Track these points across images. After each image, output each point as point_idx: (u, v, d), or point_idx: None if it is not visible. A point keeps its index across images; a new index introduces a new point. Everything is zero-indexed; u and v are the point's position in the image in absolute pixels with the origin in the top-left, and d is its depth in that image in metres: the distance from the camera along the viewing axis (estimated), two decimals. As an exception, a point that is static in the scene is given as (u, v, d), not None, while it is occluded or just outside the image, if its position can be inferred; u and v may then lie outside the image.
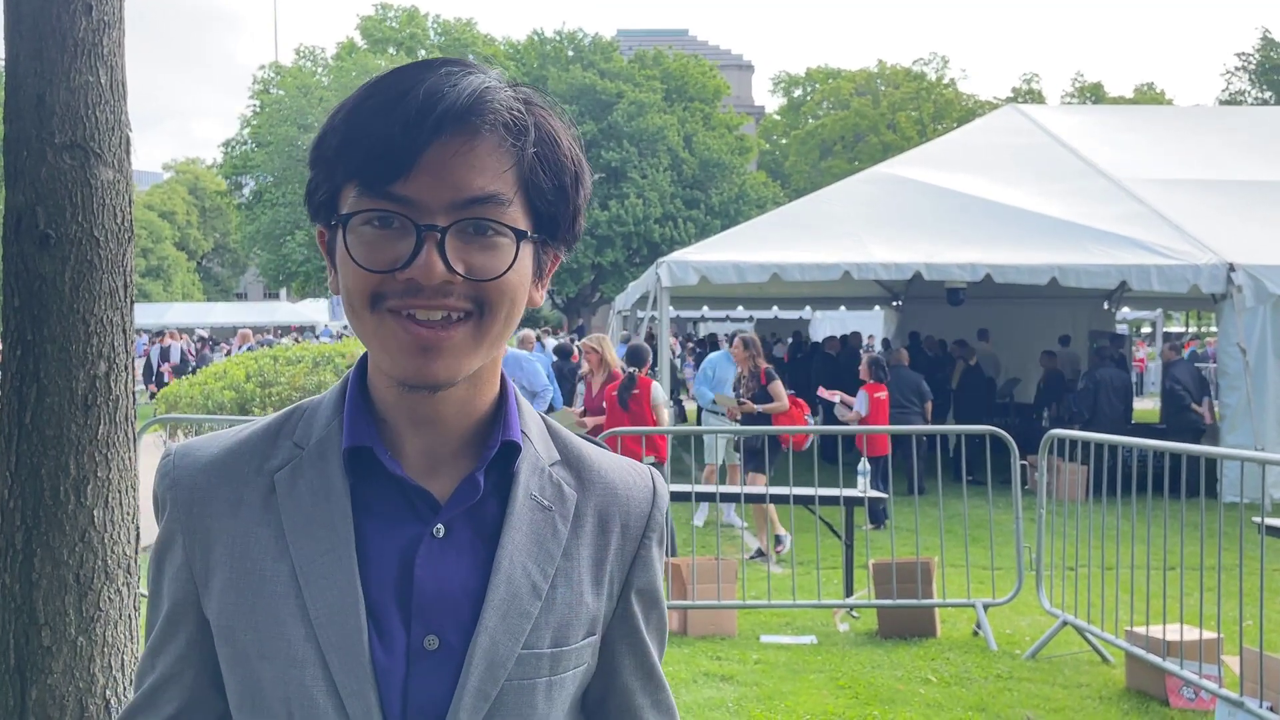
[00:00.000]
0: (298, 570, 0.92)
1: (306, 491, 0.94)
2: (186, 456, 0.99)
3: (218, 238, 59.89)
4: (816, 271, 10.79)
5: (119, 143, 2.58)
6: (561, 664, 0.97)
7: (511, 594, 0.94)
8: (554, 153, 0.92)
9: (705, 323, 30.31)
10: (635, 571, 1.03)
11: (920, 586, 6.11)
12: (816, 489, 6.72)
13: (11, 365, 2.49)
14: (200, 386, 9.59)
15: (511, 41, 45.02)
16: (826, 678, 5.41)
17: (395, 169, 0.86)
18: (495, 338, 0.92)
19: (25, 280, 2.48)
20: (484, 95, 0.88)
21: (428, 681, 0.92)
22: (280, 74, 42.47)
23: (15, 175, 2.50)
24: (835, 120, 48.96)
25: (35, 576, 2.46)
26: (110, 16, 2.56)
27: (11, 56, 2.52)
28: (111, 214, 2.55)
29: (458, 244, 0.87)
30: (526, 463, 0.99)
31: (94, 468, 2.50)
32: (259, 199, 40.61)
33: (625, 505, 1.03)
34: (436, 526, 0.94)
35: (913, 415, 10.80)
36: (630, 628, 1.04)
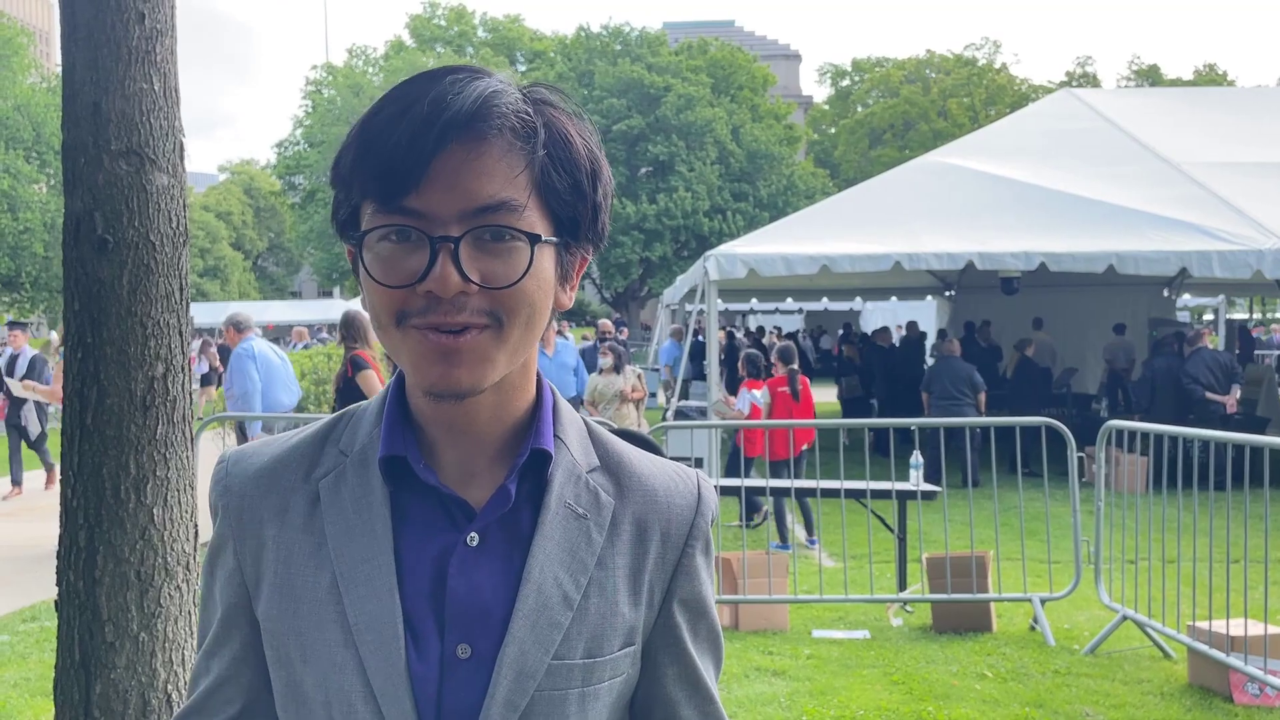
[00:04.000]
0: (339, 577, 0.94)
1: (349, 499, 0.96)
2: (239, 464, 1.01)
3: (272, 237, 60.88)
4: (867, 262, 10.69)
5: (173, 148, 2.63)
6: (595, 675, 0.95)
7: (542, 604, 0.93)
8: (566, 152, 0.91)
9: (754, 315, 30.18)
10: (677, 580, 1.00)
11: (975, 580, 6.03)
12: (868, 482, 6.66)
13: (73, 367, 2.56)
14: (256, 385, 9.73)
15: (559, 36, 45.10)
16: (880, 673, 5.36)
17: (406, 182, 0.86)
18: (518, 344, 0.91)
19: (84, 284, 2.54)
20: (489, 100, 0.88)
21: (461, 690, 0.92)
22: (332, 74, 43.00)
23: (74, 182, 2.56)
24: (885, 108, 48.43)
25: (98, 574, 2.52)
26: (162, 24, 2.61)
27: (68, 65, 2.58)
28: (166, 218, 2.60)
29: (472, 253, 0.87)
30: (561, 470, 0.97)
31: (153, 467, 2.56)
32: (311, 198, 41.19)
33: (666, 512, 1.00)
34: (470, 535, 0.94)
35: (965, 407, 10.66)
36: (673, 638, 1.01)
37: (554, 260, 0.93)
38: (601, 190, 0.94)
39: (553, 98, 0.94)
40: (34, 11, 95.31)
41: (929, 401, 11.09)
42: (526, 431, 0.98)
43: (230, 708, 1.00)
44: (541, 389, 1.00)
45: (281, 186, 49.36)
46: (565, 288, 0.97)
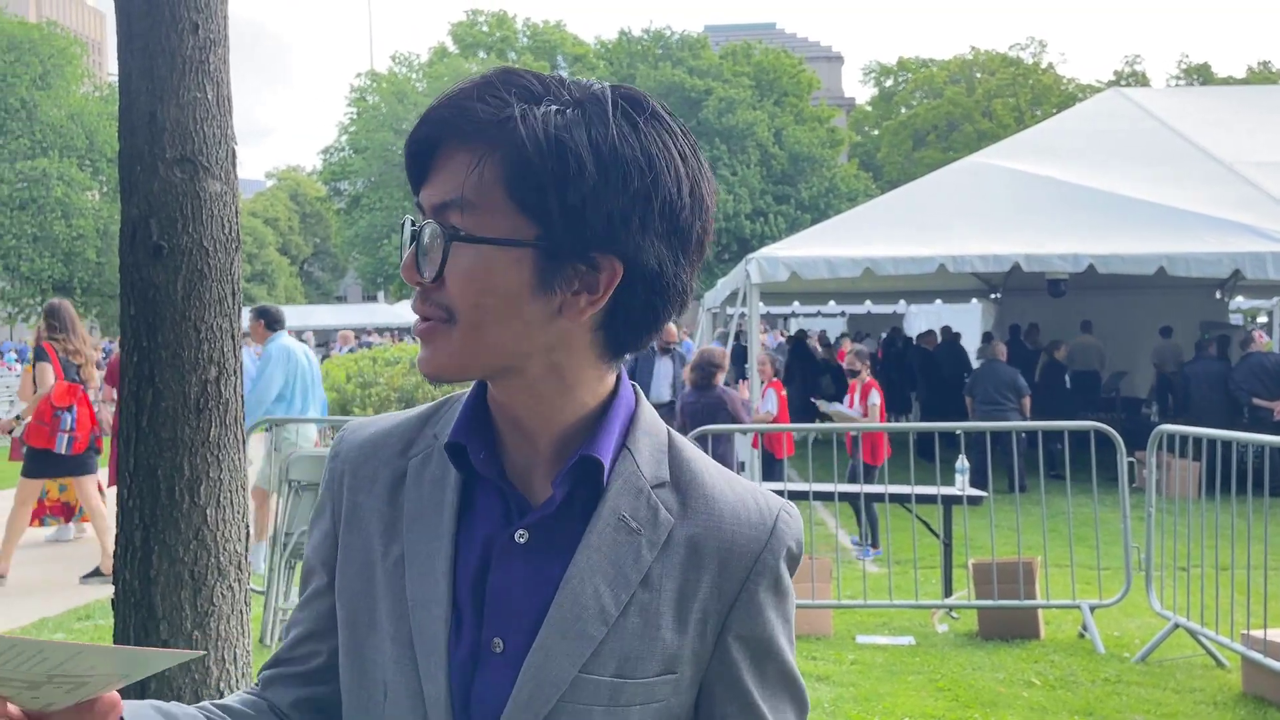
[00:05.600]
0: (405, 552, 0.98)
1: (428, 480, 1.00)
2: (353, 433, 1.07)
3: (318, 242, 61.65)
4: (911, 265, 10.59)
5: (225, 156, 2.68)
6: (624, 696, 0.92)
7: (575, 614, 0.92)
8: (521, 154, 0.87)
9: (796, 318, 30.04)
10: (735, 615, 0.96)
11: (1023, 587, 5.95)
12: (913, 487, 6.60)
13: (129, 371, 2.61)
14: (303, 388, 9.86)
15: (602, 41, 45.25)
16: (925, 679, 5.31)
17: (414, 177, 0.94)
18: (475, 345, 0.91)
19: (140, 290, 2.59)
20: (461, 102, 0.90)
21: (492, 683, 0.93)
22: (376, 81, 43.48)
23: (130, 189, 2.62)
24: (928, 109, 47.99)
25: (153, 573, 2.57)
26: (215, 34, 2.66)
27: (125, 75, 2.64)
28: (219, 225, 2.65)
29: (428, 246, 0.91)
30: (621, 480, 0.96)
31: (206, 468, 2.61)
32: (356, 204, 41.68)
33: (729, 540, 0.96)
34: (519, 531, 0.95)
35: (1009, 412, 10.53)
36: (731, 677, 0.96)
37: (527, 265, 0.89)
38: (579, 195, 0.87)
39: (584, 92, 0.91)
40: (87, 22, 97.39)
41: (972, 406, 10.98)
42: (581, 439, 0.97)
43: (315, 660, 1.06)
44: (618, 397, 0.99)
45: (327, 192, 50.01)
46: (575, 297, 0.91)
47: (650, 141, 0.90)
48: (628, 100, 0.92)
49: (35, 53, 34.14)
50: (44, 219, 32.18)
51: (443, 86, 40.72)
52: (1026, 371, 11.56)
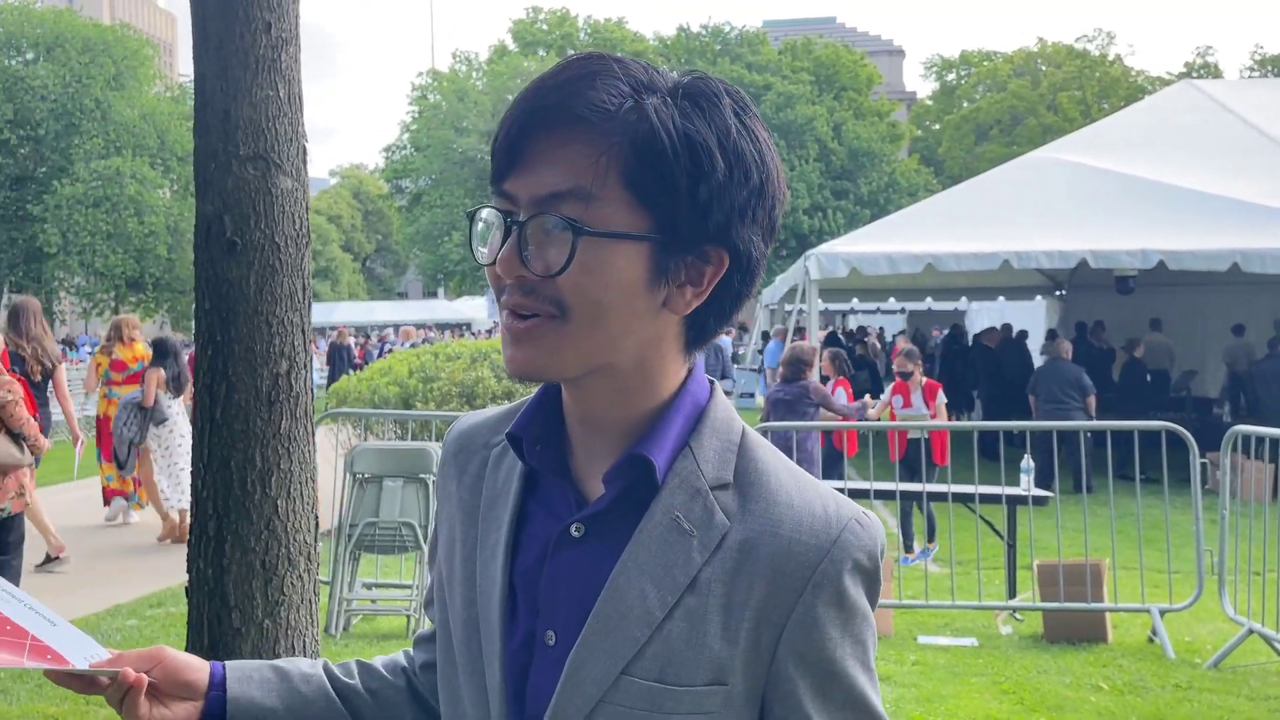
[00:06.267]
0: (479, 541, 1.00)
1: (503, 470, 1.02)
2: (460, 423, 1.11)
3: (380, 239, 62.54)
4: (974, 261, 10.44)
5: (296, 153, 2.72)
6: (668, 703, 0.89)
7: (620, 612, 0.90)
8: (650, 143, 0.85)
9: (855, 315, 29.76)
10: (791, 632, 0.90)
11: (1090, 589, 5.83)
12: (977, 487, 6.51)
13: (203, 364, 2.67)
14: (367, 382, 10.02)
15: (661, 37, 45.23)
16: (989, 681, 5.23)
17: (502, 167, 0.89)
18: (590, 342, 0.88)
19: (214, 285, 2.65)
20: (574, 87, 0.86)
21: (544, 675, 0.93)
22: (437, 80, 43.94)
23: (204, 186, 2.67)
24: (991, 103, 47.21)
25: (226, 562, 2.63)
26: (287, 33, 2.70)
27: (200, 74, 2.69)
28: (290, 221, 2.70)
29: (537, 239, 0.86)
30: (677, 479, 0.92)
31: (277, 460, 2.66)
32: (418, 201, 42.18)
33: (785, 548, 0.90)
34: (575, 525, 0.94)
35: (1073, 411, 10.33)
36: (786, 694, 0.91)
37: (643, 258, 0.88)
38: (708, 189, 0.87)
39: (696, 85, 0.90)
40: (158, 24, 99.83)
41: (1035, 404, 10.79)
42: (642, 433, 0.95)
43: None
44: (684, 393, 0.95)
45: (389, 190, 50.69)
46: (684, 291, 0.90)
47: (756, 134, 0.91)
48: (729, 93, 0.92)
49: (109, 54, 35.07)
50: (117, 216, 33.05)
51: (502, 85, 41.18)
52: (1093, 370, 11.32)
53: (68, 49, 34.34)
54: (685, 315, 0.93)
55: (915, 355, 8.52)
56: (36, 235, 33.08)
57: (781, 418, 7.33)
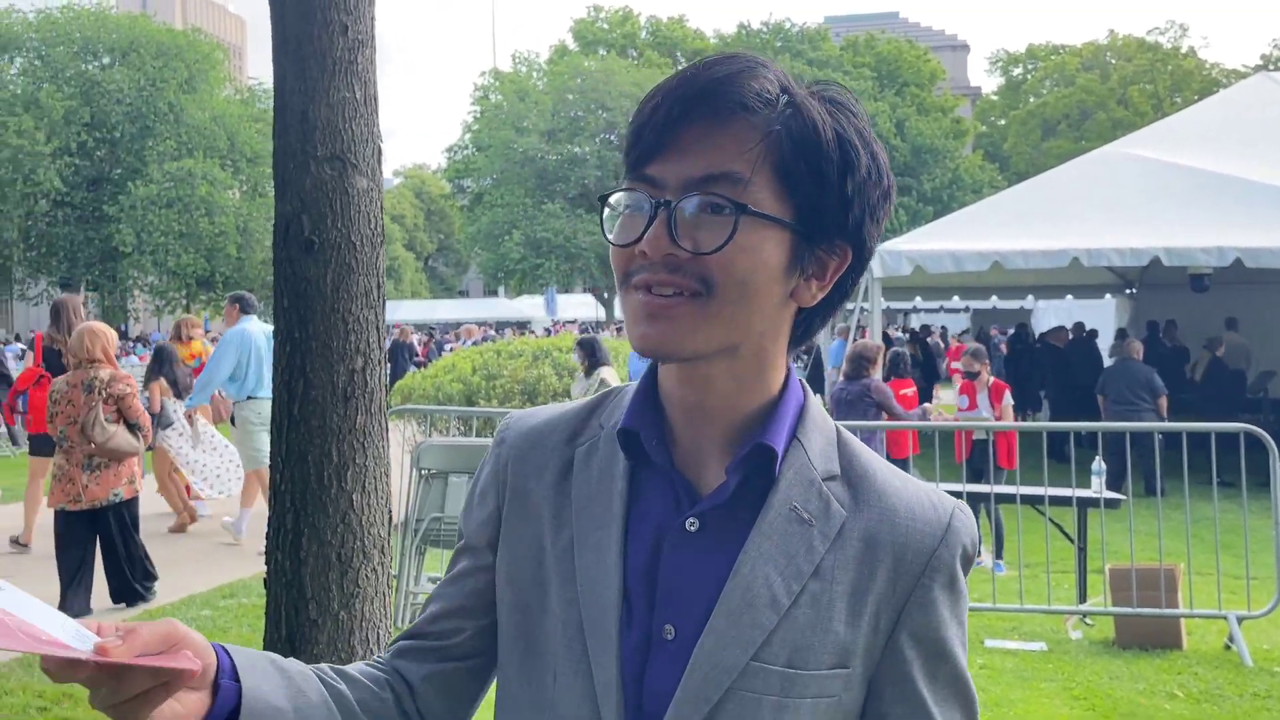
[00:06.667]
0: (575, 539, 0.98)
1: (595, 468, 1.01)
2: (518, 421, 1.09)
3: (441, 239, 63.31)
4: (1042, 259, 10.24)
5: (371, 153, 2.77)
6: (796, 688, 0.92)
7: (746, 601, 0.92)
8: (810, 137, 0.91)
9: (917, 314, 29.40)
10: (910, 613, 0.95)
11: (1164, 595, 5.70)
12: (1046, 489, 6.39)
13: (281, 360, 2.73)
14: (432, 379, 10.15)
15: (721, 35, 45.12)
16: (1059, 687, 5.14)
17: (646, 152, 0.91)
18: (729, 322, 0.91)
19: (293, 283, 2.70)
20: (731, 79, 0.90)
21: (663, 670, 0.94)
22: (499, 80, 44.31)
23: (283, 186, 2.73)
24: (1059, 98, 46.30)
25: (303, 554, 2.68)
26: (363, 35, 2.75)
27: (279, 76, 2.75)
28: (366, 220, 2.74)
29: (689, 220, 0.89)
30: (793, 470, 0.96)
31: (353, 455, 2.70)
32: (479, 201, 42.58)
33: (904, 536, 0.96)
34: (690, 520, 0.95)
35: (1143, 412, 10.09)
36: (900, 674, 0.96)
37: (785, 246, 0.92)
38: (852, 185, 0.92)
39: (828, 90, 0.95)
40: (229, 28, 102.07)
41: (1104, 405, 10.56)
42: (759, 426, 0.97)
43: (457, 636, 1.06)
44: (789, 388, 0.99)
45: (451, 190, 51.27)
46: (810, 284, 0.95)
47: (877, 141, 0.96)
48: (857, 101, 0.96)
49: (181, 58, 35.95)
50: (189, 217, 33.87)
51: (562, 84, 41.42)
52: (1165, 371, 11.04)
53: (142, 54, 35.27)
54: (803, 309, 0.97)
55: (982, 355, 8.38)
56: (112, 235, 34.04)
57: (843, 417, 7.27)
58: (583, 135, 40.02)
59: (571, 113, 40.03)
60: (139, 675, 0.82)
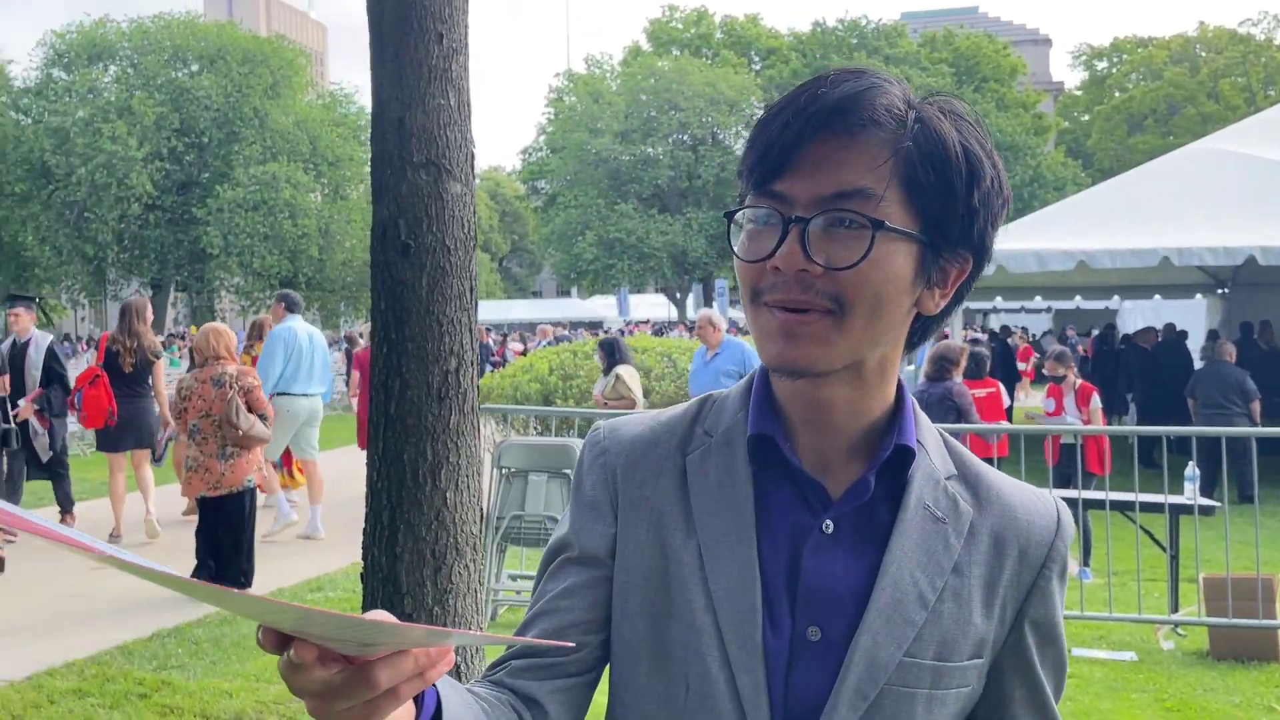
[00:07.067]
0: (702, 546, 0.99)
1: (713, 475, 1.01)
2: (615, 431, 1.08)
3: (515, 239, 63.96)
4: (1130, 258, 9.97)
5: (465, 159, 2.83)
6: (944, 680, 0.97)
7: (897, 599, 0.95)
8: (937, 149, 0.92)
9: (997, 314, 28.84)
10: (1031, 601, 1.01)
11: (1261, 605, 5.52)
12: (1137, 494, 6.23)
13: (378, 361, 2.80)
14: (510, 379, 10.28)
15: (796, 33, 44.82)
16: (1150, 698, 5.01)
17: (774, 168, 0.92)
18: (861, 336, 0.92)
19: (389, 286, 2.78)
20: (860, 96, 0.91)
21: (809, 671, 0.95)
22: (573, 81, 44.62)
23: (380, 191, 2.80)
24: (1145, 92, 45.02)
25: (399, 550, 2.75)
26: (458, 43, 2.81)
27: (377, 84, 2.82)
28: (459, 224, 2.80)
29: (821, 236, 0.90)
30: (921, 472, 0.99)
31: (446, 454, 2.77)
32: (553, 202, 42.94)
33: (1026, 531, 1.01)
34: (826, 522, 0.97)
35: (1235, 416, 9.75)
36: (1023, 660, 1.02)
37: (913, 257, 0.93)
38: (979, 196, 0.94)
39: (946, 103, 0.96)
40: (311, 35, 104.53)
41: (1194, 408, 10.24)
42: (884, 429, 1.00)
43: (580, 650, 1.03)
44: (903, 394, 1.02)
45: (525, 191, 51.79)
46: (933, 292, 0.97)
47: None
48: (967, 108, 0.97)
49: (266, 64, 36.89)
50: (273, 219, 34.74)
51: (636, 85, 41.57)
52: (1260, 374, 10.67)
53: (229, 60, 36.27)
54: (921, 316, 0.98)
55: (1067, 358, 8.20)
56: (200, 237, 35.07)
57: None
58: (656, 136, 40.09)
59: (645, 113, 40.13)
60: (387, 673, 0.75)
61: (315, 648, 0.72)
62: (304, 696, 0.75)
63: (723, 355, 8.06)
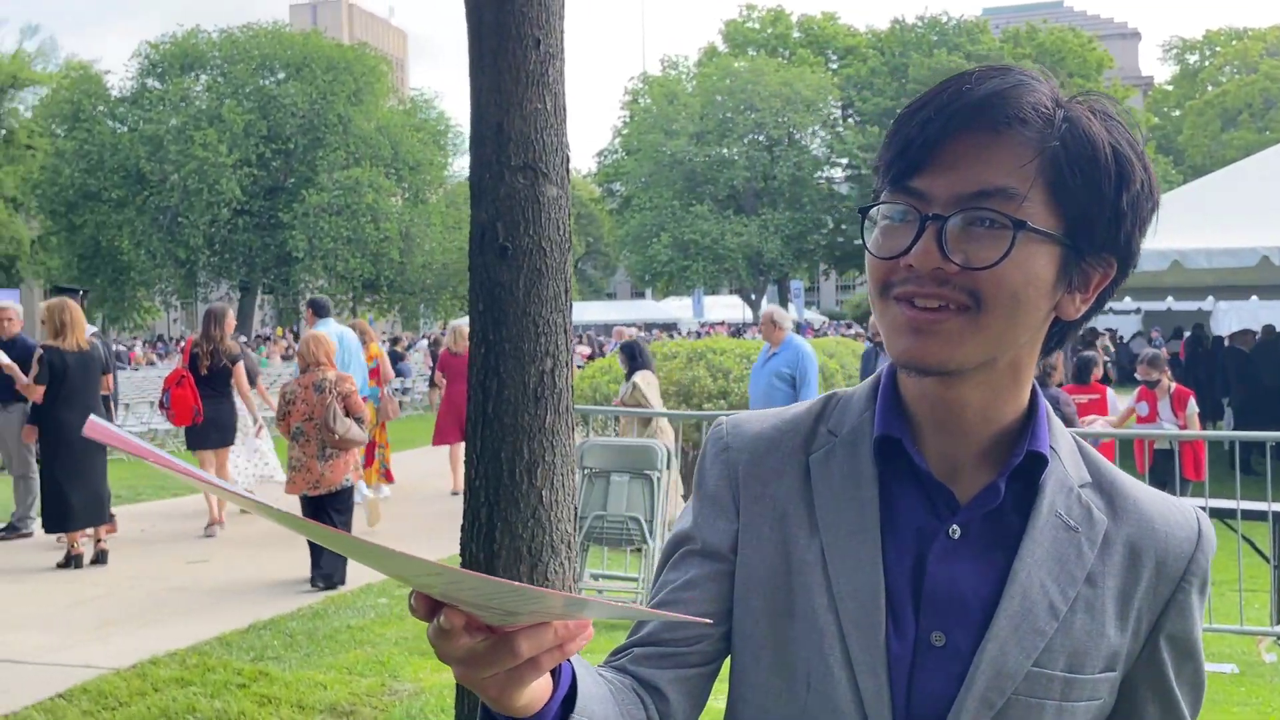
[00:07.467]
0: (825, 547, 0.98)
1: (837, 475, 1.00)
2: (739, 427, 1.08)
3: (590, 241, 64.36)
4: (1227, 258, 9.65)
5: (560, 162, 2.87)
6: (1074, 692, 0.94)
7: (1026, 608, 0.93)
8: (1086, 150, 0.89)
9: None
10: (1169, 615, 0.98)
11: (1372, 618, 5.30)
12: (1239, 502, 6.03)
13: (476, 362, 2.85)
14: (589, 380, 10.34)
15: (874, 30, 44.31)
16: (1254, 711, 4.85)
17: (912, 165, 0.91)
18: (996, 336, 0.90)
19: (487, 288, 2.83)
20: (1006, 94, 0.89)
21: (933, 677, 0.94)
22: (648, 84, 44.75)
23: (479, 195, 2.85)
24: (1240, 86, 43.50)
25: (496, 547, 2.80)
26: (554, 48, 2.85)
27: (475, 90, 2.88)
28: (555, 226, 2.84)
29: (959, 235, 0.89)
30: (1053, 479, 0.97)
31: (542, 453, 2.80)
32: (628, 204, 43.11)
33: (1163, 542, 0.98)
34: (953, 527, 0.96)
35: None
36: (1158, 675, 0.99)
37: (1055, 260, 0.91)
38: (1128, 199, 0.91)
39: (1096, 102, 0.94)
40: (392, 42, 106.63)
41: (1296, 413, 9.88)
42: (1016, 435, 0.98)
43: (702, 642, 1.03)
44: (1036, 400, 1.00)
45: (600, 193, 52.09)
46: (1074, 296, 0.95)
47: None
48: (1117, 107, 0.95)
49: (349, 72, 37.74)
50: (356, 223, 35.53)
51: (711, 86, 41.56)
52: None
53: (314, 68, 37.19)
54: (1059, 321, 0.96)
55: (1161, 361, 7.98)
56: (286, 241, 36.01)
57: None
58: (731, 137, 39.98)
59: (720, 114, 40.04)
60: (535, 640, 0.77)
61: (463, 614, 0.74)
62: (451, 663, 0.78)
63: (779, 356, 7.83)
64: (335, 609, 6.34)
